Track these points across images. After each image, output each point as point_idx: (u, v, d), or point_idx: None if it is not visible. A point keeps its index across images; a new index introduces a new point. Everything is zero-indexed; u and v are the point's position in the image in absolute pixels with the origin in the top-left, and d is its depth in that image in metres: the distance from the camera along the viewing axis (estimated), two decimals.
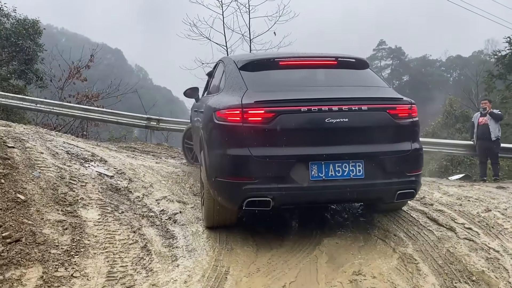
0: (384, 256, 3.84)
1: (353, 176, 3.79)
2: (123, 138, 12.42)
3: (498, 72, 23.96)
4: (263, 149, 3.75)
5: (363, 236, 4.26)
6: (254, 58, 4.52)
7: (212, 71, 6.10)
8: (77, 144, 7.23)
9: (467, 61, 68.66)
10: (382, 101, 4.00)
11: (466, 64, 65.33)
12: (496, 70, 24.07)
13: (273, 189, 3.73)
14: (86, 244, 3.92)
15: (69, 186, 4.98)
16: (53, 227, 4.09)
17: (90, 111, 11.41)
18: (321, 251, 3.91)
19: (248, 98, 3.85)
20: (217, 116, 4.00)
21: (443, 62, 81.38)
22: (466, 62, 68.06)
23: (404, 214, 4.75)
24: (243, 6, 12.21)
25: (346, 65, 4.53)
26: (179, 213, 5.01)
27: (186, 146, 7.69)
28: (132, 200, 5.21)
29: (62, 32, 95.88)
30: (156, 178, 6.24)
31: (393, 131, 3.95)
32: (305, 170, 3.74)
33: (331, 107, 3.76)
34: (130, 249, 3.97)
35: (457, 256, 3.74)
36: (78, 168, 5.67)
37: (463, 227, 4.33)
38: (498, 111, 9.90)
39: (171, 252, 4.02)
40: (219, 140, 3.98)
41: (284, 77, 4.36)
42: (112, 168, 6.19)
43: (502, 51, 24.20)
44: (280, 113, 3.73)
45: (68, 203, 4.60)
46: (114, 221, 4.46)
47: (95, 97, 14.40)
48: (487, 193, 5.78)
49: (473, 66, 48.08)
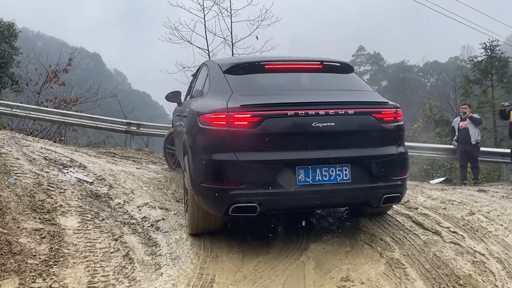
0: (371, 261, 3.80)
1: (339, 180, 3.74)
2: (102, 143, 12.15)
3: (475, 78, 24.55)
4: (250, 154, 3.68)
5: (350, 241, 4.22)
6: (239, 61, 4.45)
7: (195, 74, 6.01)
8: (55, 149, 7.03)
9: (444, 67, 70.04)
10: (368, 105, 3.98)
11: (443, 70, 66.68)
12: (473, 76, 24.66)
13: (260, 195, 3.65)
14: (65, 253, 3.77)
15: (47, 193, 4.81)
16: (30, 236, 3.93)
17: (69, 116, 11.13)
18: (308, 256, 3.85)
19: (233, 102, 3.78)
20: (201, 120, 3.91)
21: (420, 68, 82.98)
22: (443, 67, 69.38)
23: (390, 218, 4.74)
24: (225, 10, 12.13)
25: (331, 69, 4.50)
26: (162, 220, 4.89)
27: (168, 152, 7.56)
28: (113, 207, 5.07)
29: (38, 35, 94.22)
30: (137, 184, 6.10)
31: (379, 135, 3.93)
32: (292, 175, 3.68)
33: (317, 111, 3.72)
34: (111, 257, 3.84)
35: (443, 260, 3.74)
36: (56, 174, 5.49)
37: (448, 230, 4.34)
38: (478, 115, 10.06)
39: (154, 260, 3.91)
40: (204, 144, 3.89)
41: (270, 80, 4.31)
42: (91, 174, 6.02)
43: (478, 57, 24.85)
44: (267, 117, 3.67)
45: (46, 211, 4.44)
46: (95, 229, 4.32)
47: (73, 101, 14.08)
48: (470, 197, 5.83)
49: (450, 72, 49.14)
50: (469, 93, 24.15)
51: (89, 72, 75.92)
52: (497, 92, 24.13)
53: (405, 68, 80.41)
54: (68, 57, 15.33)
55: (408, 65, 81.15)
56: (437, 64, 76.75)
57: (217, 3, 11.97)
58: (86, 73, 69.20)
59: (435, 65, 77.39)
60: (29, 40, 56.58)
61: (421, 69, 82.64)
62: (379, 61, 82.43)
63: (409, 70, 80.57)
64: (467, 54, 59.85)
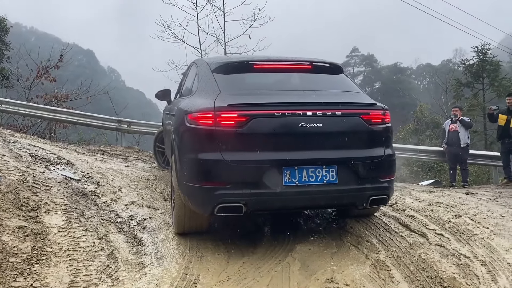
0: (356, 262, 3.80)
1: (326, 181, 3.73)
2: (92, 140, 12.07)
3: (466, 81, 24.67)
4: (236, 154, 3.66)
5: (336, 243, 4.21)
6: (228, 60, 4.43)
7: (185, 73, 5.98)
8: (43, 146, 6.96)
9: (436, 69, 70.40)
10: (356, 106, 3.98)
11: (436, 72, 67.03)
12: (464, 79, 24.76)
13: (246, 195, 3.63)
14: (48, 251, 3.73)
15: (32, 191, 4.75)
16: (13, 233, 3.87)
17: (59, 113, 11.04)
18: (293, 257, 3.83)
19: (221, 101, 3.75)
20: (188, 119, 3.88)
21: (413, 70, 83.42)
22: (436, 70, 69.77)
23: (377, 220, 4.74)
24: (218, 9, 12.09)
25: (320, 69, 4.49)
26: (149, 218, 4.85)
27: (158, 150, 7.51)
28: (99, 205, 5.02)
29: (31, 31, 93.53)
30: (125, 182, 6.05)
31: (366, 136, 3.93)
32: (278, 175, 3.66)
33: (305, 112, 3.70)
34: (95, 256, 3.80)
35: (428, 262, 3.74)
36: (42, 171, 5.43)
37: (434, 233, 4.35)
38: (468, 119, 10.12)
39: (138, 260, 3.87)
40: (190, 143, 3.86)
41: (258, 80, 4.29)
42: (79, 171, 5.97)
43: (470, 60, 24.97)
44: (254, 117, 3.65)
45: (31, 208, 4.38)
46: (79, 227, 4.27)
47: (64, 98, 13.97)
48: (457, 199, 5.85)
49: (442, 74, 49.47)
50: (460, 96, 24.25)
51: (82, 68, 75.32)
52: (488, 95, 24.24)
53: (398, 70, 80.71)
54: (60, 53, 15.20)
55: (401, 67, 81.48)
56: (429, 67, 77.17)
57: (210, 2, 11.94)
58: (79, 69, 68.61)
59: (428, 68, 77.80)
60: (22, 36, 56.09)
61: (414, 72, 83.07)
62: (373, 63, 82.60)
63: (402, 72, 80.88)
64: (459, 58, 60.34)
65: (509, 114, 8.72)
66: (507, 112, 8.78)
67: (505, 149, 9.03)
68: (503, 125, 8.79)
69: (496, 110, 9.08)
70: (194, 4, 12.10)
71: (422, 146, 13.74)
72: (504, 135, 8.86)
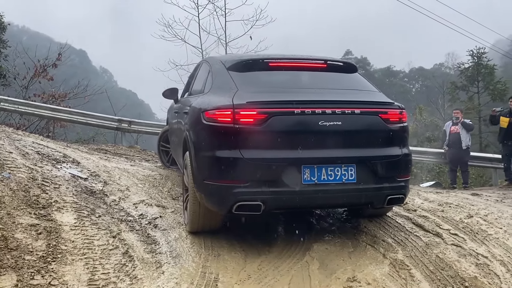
0: (375, 262, 3.78)
1: (345, 180, 3.71)
2: (91, 139, 11.97)
3: (462, 84, 24.91)
4: (255, 152, 3.63)
5: (352, 242, 4.19)
6: (243, 58, 4.40)
7: (194, 72, 5.93)
8: (47, 144, 6.87)
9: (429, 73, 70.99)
10: (375, 105, 3.97)
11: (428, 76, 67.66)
12: (460, 82, 25.00)
13: (265, 193, 3.60)
14: (63, 249, 3.67)
15: (41, 188, 4.68)
16: (26, 231, 3.81)
17: (59, 111, 10.93)
18: (311, 257, 3.81)
19: (239, 98, 3.72)
20: (205, 117, 3.84)
21: (406, 73, 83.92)
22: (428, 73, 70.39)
23: (389, 219, 4.73)
24: (219, 9, 12.06)
25: (335, 68, 4.48)
26: (159, 217, 4.80)
27: (162, 149, 7.45)
28: (109, 203, 4.96)
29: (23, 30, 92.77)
30: (132, 181, 5.99)
31: (385, 135, 3.92)
32: (297, 173, 3.63)
33: (324, 110, 3.68)
34: (110, 255, 3.74)
35: (447, 262, 3.73)
36: (50, 169, 5.36)
37: (449, 233, 4.34)
38: (469, 121, 10.18)
39: (154, 258, 3.82)
40: (208, 141, 3.82)
41: (274, 78, 4.26)
42: (85, 170, 5.89)
43: (465, 64, 25.21)
44: (273, 114, 3.62)
45: (42, 206, 4.32)
46: (92, 226, 4.21)
47: (62, 97, 13.83)
48: (465, 200, 5.87)
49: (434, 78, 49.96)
50: (455, 99, 24.49)
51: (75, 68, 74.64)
52: (482, 98, 24.49)
53: (391, 73, 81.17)
54: (55, 52, 15.02)
55: (394, 71, 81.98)
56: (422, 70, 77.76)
57: (211, 2, 11.91)
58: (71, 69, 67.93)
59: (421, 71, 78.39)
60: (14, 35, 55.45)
61: (406, 75, 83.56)
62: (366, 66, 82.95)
63: (395, 75, 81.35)
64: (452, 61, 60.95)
65: (511, 117, 8.77)
66: (510, 115, 8.83)
67: (507, 151, 9.07)
68: (506, 127, 8.82)
69: (500, 112, 9.13)
70: (196, 3, 12.05)
71: (422, 147, 13.81)
72: (507, 137, 8.90)
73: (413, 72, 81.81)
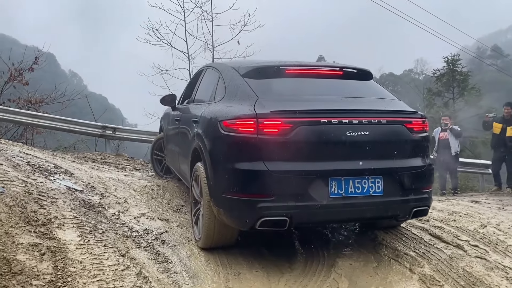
0: (404, 277, 3.64)
1: (372, 193, 3.55)
2: (72, 147, 11.46)
3: (437, 90, 25.41)
4: (280, 164, 3.42)
5: (374, 256, 4.04)
6: (258, 65, 4.19)
7: (196, 78, 5.69)
8: (35, 154, 6.47)
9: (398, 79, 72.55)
10: (399, 114, 3.84)
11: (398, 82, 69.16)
12: (435, 88, 25.51)
13: (291, 207, 3.39)
14: (72, 272, 3.35)
15: (38, 203, 4.34)
16: (28, 252, 3.48)
17: (39, 118, 10.40)
18: (338, 274, 3.63)
19: (261, 107, 3.51)
20: (224, 127, 3.62)
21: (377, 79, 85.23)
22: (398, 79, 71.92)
23: (405, 231, 4.61)
24: (206, 13, 11.81)
25: (351, 75, 4.34)
26: (165, 232, 4.53)
27: (155, 158, 7.16)
28: (109, 218, 4.66)
29: None
30: (129, 193, 5.68)
31: (410, 145, 3.79)
32: (324, 186, 3.45)
33: (351, 119, 3.52)
34: (123, 276, 3.45)
35: (476, 276, 3.62)
36: (44, 181, 5.00)
37: (469, 244, 4.25)
38: (458, 128, 10.28)
39: (170, 279, 3.57)
40: (227, 153, 3.59)
41: (293, 86, 4.06)
42: (80, 181, 5.55)
43: (440, 70, 25.74)
44: (299, 124, 3.43)
45: (41, 223, 3.98)
46: (97, 243, 3.90)
47: (39, 102, 13.21)
48: (471, 208, 5.82)
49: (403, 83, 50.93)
50: (432, 105, 24.94)
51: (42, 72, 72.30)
52: (457, 104, 25.03)
53: None
54: (21, 55, 14.30)
55: None
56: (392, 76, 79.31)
57: (198, 6, 11.65)
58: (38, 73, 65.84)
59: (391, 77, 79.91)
60: None
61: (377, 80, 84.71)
62: None
63: None
64: (420, 67, 62.57)
65: (505, 123, 8.89)
66: (503, 121, 8.95)
67: (498, 157, 9.19)
68: (499, 133, 8.94)
69: (492, 118, 9.25)
70: (182, 7, 11.77)
71: None
72: (500, 144, 9.01)
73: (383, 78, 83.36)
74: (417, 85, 35.88)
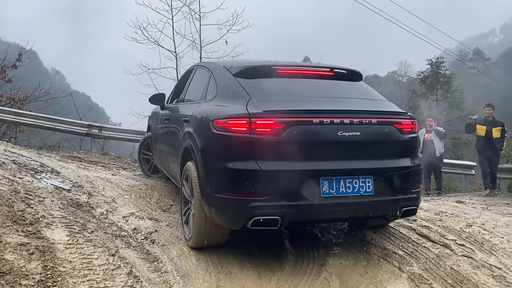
0: (393, 276, 3.68)
1: (363, 192, 3.59)
2: (57, 146, 11.29)
3: (421, 92, 25.77)
4: (273, 163, 3.44)
5: (363, 255, 4.08)
6: (249, 64, 4.19)
7: (185, 77, 5.67)
8: (20, 152, 6.37)
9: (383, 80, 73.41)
10: (390, 115, 3.88)
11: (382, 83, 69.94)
12: (420, 90, 25.86)
13: (283, 207, 3.41)
14: (61, 271, 3.31)
15: (26, 202, 4.27)
16: (16, 251, 3.43)
17: (23, 116, 10.22)
18: (329, 273, 3.66)
19: (254, 107, 3.52)
20: (216, 126, 3.62)
21: None
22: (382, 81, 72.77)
23: (393, 230, 4.67)
24: (194, 13, 11.75)
25: (342, 76, 4.38)
26: (155, 232, 4.51)
27: (143, 157, 7.11)
28: (97, 217, 4.61)
29: None
30: (117, 192, 5.63)
31: (399, 146, 3.85)
32: (316, 186, 3.47)
33: (343, 120, 3.56)
34: (114, 275, 3.42)
35: (463, 274, 3.69)
36: (30, 180, 4.92)
37: (455, 243, 4.33)
38: (442, 129, 10.43)
39: (161, 278, 3.55)
40: (220, 152, 3.59)
41: (285, 86, 4.08)
42: (67, 180, 5.48)
43: (424, 72, 26.11)
44: (291, 124, 3.45)
45: (29, 222, 3.92)
46: (87, 243, 3.86)
47: (23, 100, 12.99)
48: (456, 208, 5.92)
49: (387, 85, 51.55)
50: (416, 107, 25.27)
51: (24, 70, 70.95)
52: (441, 106, 25.42)
53: None
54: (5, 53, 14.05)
55: None
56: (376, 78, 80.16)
57: (186, 5, 11.60)
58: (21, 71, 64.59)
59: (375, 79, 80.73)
60: None
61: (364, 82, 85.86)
62: None
63: None
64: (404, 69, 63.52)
65: (489, 125, 8.99)
66: (487, 123, 9.06)
67: (484, 159, 9.23)
68: (484, 135, 9.01)
69: (476, 120, 9.34)
70: (170, 6, 11.70)
71: None
72: (486, 146, 9.07)
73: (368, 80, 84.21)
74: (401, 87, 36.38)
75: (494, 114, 9.25)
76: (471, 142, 21.43)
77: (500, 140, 9.03)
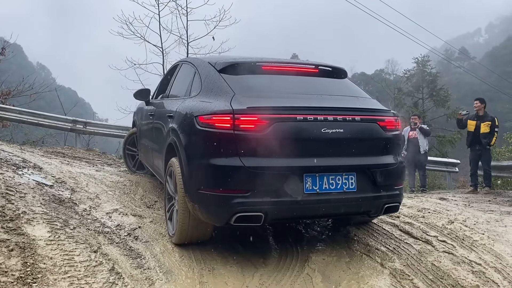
0: (375, 272, 3.71)
1: (346, 189, 3.62)
2: (41, 141, 11.14)
3: (407, 90, 26.00)
4: (256, 160, 3.44)
5: (346, 251, 4.11)
6: (234, 61, 4.18)
7: (170, 72, 5.63)
8: (2, 147, 6.27)
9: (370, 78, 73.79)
10: (373, 112, 3.91)
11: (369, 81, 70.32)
12: (406, 88, 26.09)
13: (266, 203, 3.41)
14: (42, 268, 3.27)
15: (6, 198, 4.21)
16: None
17: (6, 111, 10.06)
18: (312, 268, 3.68)
19: (238, 103, 3.52)
20: (200, 122, 3.60)
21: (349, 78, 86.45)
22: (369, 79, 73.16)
23: (376, 227, 4.71)
24: (181, 8, 11.66)
25: (327, 73, 4.40)
26: (138, 228, 4.48)
27: (128, 153, 7.05)
28: (80, 213, 4.57)
29: None
30: (101, 188, 5.59)
31: (382, 143, 3.87)
32: (299, 182, 3.49)
33: (326, 117, 3.57)
34: (96, 272, 3.39)
35: (444, 270, 3.73)
36: (12, 176, 4.85)
37: (437, 240, 4.37)
38: (427, 126, 10.53)
39: (144, 275, 3.53)
40: (203, 148, 3.58)
41: (269, 82, 4.08)
42: (49, 176, 5.42)
43: (411, 71, 26.35)
44: (275, 120, 3.45)
45: (9, 218, 3.87)
46: (68, 239, 3.82)
47: (6, 94, 12.81)
48: (439, 205, 6.00)
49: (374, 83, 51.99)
50: (402, 105, 25.51)
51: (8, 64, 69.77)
52: (426, 104, 25.69)
53: None
54: None
55: None
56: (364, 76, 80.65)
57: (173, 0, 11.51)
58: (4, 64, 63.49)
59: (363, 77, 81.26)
60: None
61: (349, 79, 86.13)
62: None
63: None
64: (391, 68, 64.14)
65: (478, 120, 8.90)
66: (476, 118, 8.98)
67: (474, 155, 9.11)
68: (473, 130, 8.93)
69: (466, 116, 9.22)
70: (156, 1, 11.59)
71: None
72: (474, 141, 9.01)
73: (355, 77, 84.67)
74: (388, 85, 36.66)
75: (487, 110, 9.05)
76: (456, 140, 21.75)
77: (488, 135, 8.77)
